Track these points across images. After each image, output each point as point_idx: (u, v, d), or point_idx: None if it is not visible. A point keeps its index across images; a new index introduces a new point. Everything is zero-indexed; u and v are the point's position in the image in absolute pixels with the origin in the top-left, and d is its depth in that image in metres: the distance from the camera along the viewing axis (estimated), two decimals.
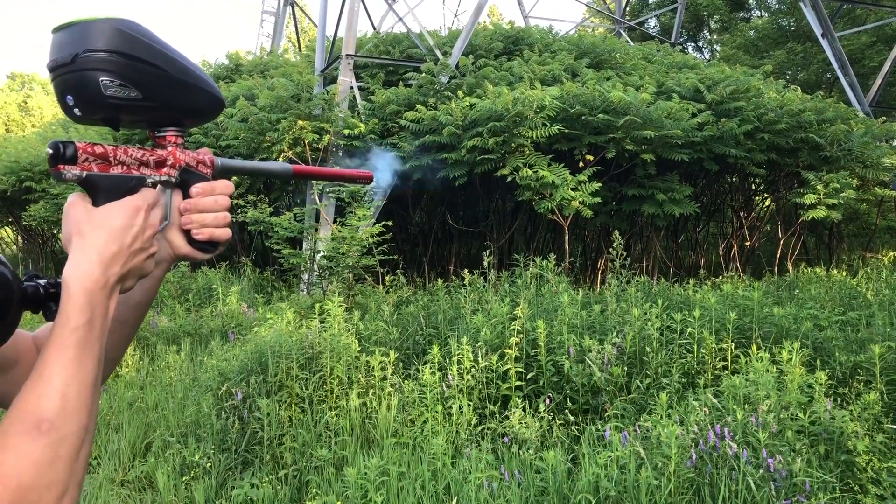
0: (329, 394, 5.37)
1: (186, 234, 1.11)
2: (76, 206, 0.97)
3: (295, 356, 5.44)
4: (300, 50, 20.83)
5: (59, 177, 0.95)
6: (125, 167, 1.02)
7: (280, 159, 10.57)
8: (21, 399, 0.86)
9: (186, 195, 1.11)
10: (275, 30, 20.96)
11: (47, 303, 0.95)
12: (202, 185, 1.11)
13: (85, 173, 0.97)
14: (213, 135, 12.13)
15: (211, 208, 1.11)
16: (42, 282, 0.96)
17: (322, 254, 9.01)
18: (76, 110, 0.98)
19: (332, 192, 10.43)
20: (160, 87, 1.02)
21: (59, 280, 0.95)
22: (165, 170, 1.08)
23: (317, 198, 10.57)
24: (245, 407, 5.25)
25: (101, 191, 0.99)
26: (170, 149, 1.09)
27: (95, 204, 0.98)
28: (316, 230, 10.09)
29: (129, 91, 0.98)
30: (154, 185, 1.07)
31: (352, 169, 1.33)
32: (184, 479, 4.66)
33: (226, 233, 1.12)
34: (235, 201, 10.42)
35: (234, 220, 11.11)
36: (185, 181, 1.11)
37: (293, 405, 5.24)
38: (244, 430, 5.14)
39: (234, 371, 5.74)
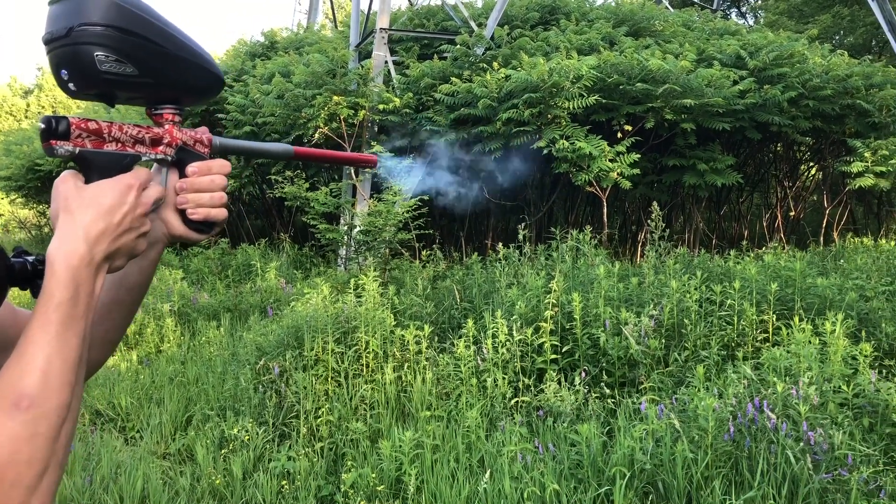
0: (364, 368, 5.40)
1: (182, 213, 1.09)
2: (66, 182, 0.96)
3: (331, 331, 5.47)
4: (336, 26, 20.77)
5: (52, 152, 0.94)
6: (120, 144, 1.00)
7: (316, 135, 10.61)
8: (2, 375, 0.86)
9: (183, 174, 1.09)
10: (311, 5, 20.88)
11: (35, 280, 0.94)
12: (198, 164, 1.09)
13: (78, 149, 0.95)
14: (249, 112, 12.20)
15: (207, 188, 1.09)
16: (31, 258, 0.95)
17: (358, 229, 9.04)
18: (71, 85, 0.97)
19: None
20: (157, 63, 1.00)
21: None
22: (161, 148, 1.06)
23: (353, 173, 10.57)
24: (282, 381, 5.32)
25: (95, 168, 0.97)
26: (167, 127, 1.07)
27: (88, 181, 0.97)
28: (352, 205, 10.11)
29: (125, 67, 0.96)
30: (149, 163, 1.05)
31: (355, 153, 1.30)
32: (222, 451, 4.74)
33: (222, 213, 1.10)
34: (273, 177, 10.49)
35: (272, 195, 11.30)
36: (181, 160, 1.09)
37: (329, 379, 5.29)
38: (281, 403, 5.21)
39: (272, 346, 5.81)
